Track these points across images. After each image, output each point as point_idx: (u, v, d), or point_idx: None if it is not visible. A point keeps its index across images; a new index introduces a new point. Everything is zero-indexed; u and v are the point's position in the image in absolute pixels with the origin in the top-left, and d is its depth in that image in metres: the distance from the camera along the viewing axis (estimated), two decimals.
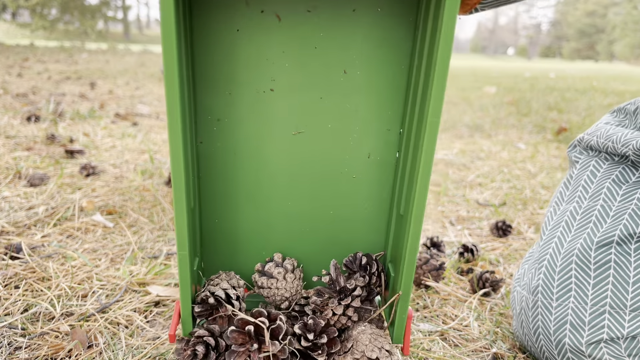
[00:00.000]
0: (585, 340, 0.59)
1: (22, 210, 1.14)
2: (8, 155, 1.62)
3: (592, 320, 0.59)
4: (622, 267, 0.60)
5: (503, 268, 1.02)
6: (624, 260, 0.60)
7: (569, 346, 0.60)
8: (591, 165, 0.70)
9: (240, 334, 0.54)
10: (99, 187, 1.37)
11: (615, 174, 0.66)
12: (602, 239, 0.61)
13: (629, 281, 0.59)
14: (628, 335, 0.57)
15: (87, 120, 2.44)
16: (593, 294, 0.60)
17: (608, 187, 0.66)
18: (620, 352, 0.57)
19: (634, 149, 0.63)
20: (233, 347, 0.53)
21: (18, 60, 6.72)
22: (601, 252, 0.61)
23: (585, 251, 0.62)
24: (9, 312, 0.74)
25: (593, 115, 3.85)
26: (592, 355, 0.58)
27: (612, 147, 0.67)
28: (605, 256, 0.61)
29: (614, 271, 0.60)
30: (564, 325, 0.61)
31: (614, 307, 0.59)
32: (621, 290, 0.59)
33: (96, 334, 0.69)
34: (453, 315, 0.82)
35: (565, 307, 0.62)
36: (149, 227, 1.11)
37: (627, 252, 0.60)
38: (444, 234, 1.20)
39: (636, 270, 0.59)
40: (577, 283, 0.62)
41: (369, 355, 0.55)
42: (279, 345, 0.53)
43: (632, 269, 0.59)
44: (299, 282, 0.62)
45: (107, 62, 7.57)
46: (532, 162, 2.11)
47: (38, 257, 0.92)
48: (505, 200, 1.50)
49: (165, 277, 0.87)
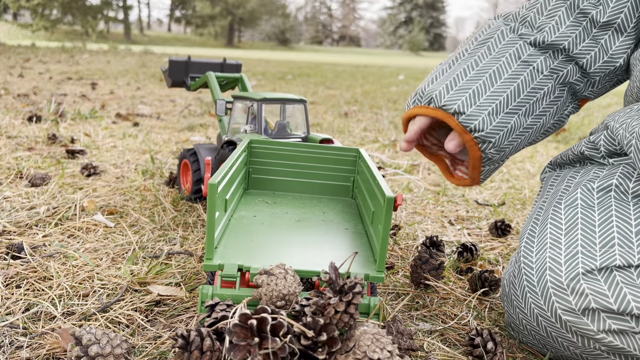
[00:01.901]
0: (565, 277, 0.61)
1: (23, 210, 1.15)
2: (9, 156, 1.62)
3: (567, 260, 0.62)
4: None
5: (502, 267, 1.02)
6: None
7: (551, 284, 0.62)
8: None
9: (242, 329, 0.54)
10: (100, 187, 1.38)
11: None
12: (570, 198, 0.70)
13: (595, 223, 0.65)
14: (601, 267, 0.60)
15: (88, 121, 2.45)
16: (566, 239, 0.65)
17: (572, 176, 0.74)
18: (600, 284, 0.60)
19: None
20: (234, 340, 0.54)
21: (19, 60, 6.74)
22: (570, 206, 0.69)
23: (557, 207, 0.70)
24: (11, 311, 0.74)
25: (592, 115, 3.85)
26: (574, 289, 0.60)
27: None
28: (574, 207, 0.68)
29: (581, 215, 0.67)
30: (544, 272, 0.63)
31: (585, 247, 0.63)
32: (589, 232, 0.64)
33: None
34: (452, 314, 0.82)
35: (544, 257, 0.65)
36: (150, 227, 1.11)
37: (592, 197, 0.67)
38: (443, 233, 1.21)
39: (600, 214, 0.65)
40: (552, 233, 0.67)
41: (370, 355, 0.55)
42: (279, 342, 0.53)
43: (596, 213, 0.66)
44: (297, 285, 0.63)
45: (108, 63, 7.58)
46: (531, 162, 2.11)
47: (39, 257, 0.92)
48: (505, 200, 1.51)
49: (166, 277, 0.88)
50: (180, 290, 0.83)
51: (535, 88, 0.76)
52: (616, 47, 0.76)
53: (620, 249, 0.61)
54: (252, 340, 0.53)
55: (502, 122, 0.75)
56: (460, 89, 0.75)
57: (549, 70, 0.76)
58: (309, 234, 0.79)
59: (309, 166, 1.00)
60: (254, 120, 1.14)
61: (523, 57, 0.76)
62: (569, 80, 0.78)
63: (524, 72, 0.75)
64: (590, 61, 0.76)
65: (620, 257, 0.60)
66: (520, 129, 0.77)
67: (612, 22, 0.75)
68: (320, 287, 0.65)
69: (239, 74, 1.45)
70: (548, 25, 0.76)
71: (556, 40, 0.76)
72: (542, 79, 0.76)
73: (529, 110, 0.76)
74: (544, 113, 0.78)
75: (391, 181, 1.67)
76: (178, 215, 1.20)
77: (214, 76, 1.39)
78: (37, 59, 7.29)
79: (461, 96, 0.74)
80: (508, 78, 0.75)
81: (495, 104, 0.74)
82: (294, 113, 1.19)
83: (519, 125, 0.77)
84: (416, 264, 0.90)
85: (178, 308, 0.78)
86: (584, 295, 0.59)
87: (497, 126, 0.75)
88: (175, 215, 1.19)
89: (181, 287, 0.84)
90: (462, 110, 0.74)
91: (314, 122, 2.85)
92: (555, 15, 0.76)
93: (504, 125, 0.75)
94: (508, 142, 0.77)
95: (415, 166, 1.90)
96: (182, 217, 1.18)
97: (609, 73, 0.78)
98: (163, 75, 1.48)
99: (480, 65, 0.77)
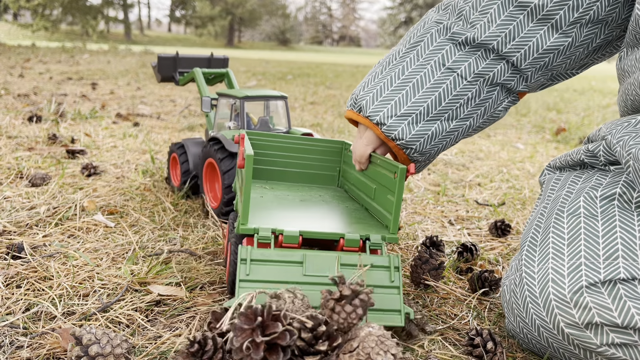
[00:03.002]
0: (568, 290, 0.60)
1: (23, 210, 1.15)
2: (10, 156, 1.62)
3: (570, 272, 0.62)
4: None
5: (502, 267, 1.02)
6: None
7: (553, 297, 0.61)
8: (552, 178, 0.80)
9: (247, 318, 0.55)
10: (100, 187, 1.38)
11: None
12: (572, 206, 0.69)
13: (598, 234, 0.63)
14: (605, 280, 0.59)
15: (88, 121, 2.45)
16: (569, 250, 0.64)
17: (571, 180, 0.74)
18: (604, 297, 0.59)
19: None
20: (237, 322, 0.54)
21: (20, 60, 6.74)
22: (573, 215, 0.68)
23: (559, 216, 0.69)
24: (11, 311, 0.74)
25: (592, 115, 3.86)
26: (577, 302, 0.60)
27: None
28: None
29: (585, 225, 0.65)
30: (546, 284, 0.63)
31: (588, 259, 0.62)
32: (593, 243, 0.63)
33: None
34: (452, 314, 0.82)
35: (546, 268, 0.64)
36: (150, 227, 1.11)
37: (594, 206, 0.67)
38: (443, 233, 1.21)
39: (604, 225, 0.64)
40: (555, 243, 0.66)
41: (373, 357, 0.55)
42: (281, 327, 0.54)
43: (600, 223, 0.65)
44: (305, 308, 0.63)
45: (109, 63, 7.59)
46: (531, 162, 2.11)
47: (39, 257, 0.92)
48: (504, 200, 1.51)
49: (166, 277, 0.88)
50: (181, 290, 0.83)
51: (458, 94, 0.78)
52: (550, 44, 0.75)
53: (625, 262, 0.60)
54: (254, 325, 0.54)
55: (422, 129, 0.79)
56: (384, 100, 0.80)
57: (474, 75, 0.77)
58: (316, 210, 0.88)
59: (298, 157, 1.07)
60: (237, 117, 1.21)
61: (448, 64, 0.78)
62: (498, 81, 0.78)
63: (447, 79, 0.78)
64: (521, 58, 0.76)
65: (624, 270, 0.59)
66: (443, 133, 0.81)
67: (551, 17, 0.73)
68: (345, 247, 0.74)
69: (225, 69, 1.50)
70: (480, 22, 0.76)
71: (485, 39, 0.76)
72: (466, 85, 0.78)
73: (452, 115, 0.80)
74: (470, 115, 0.81)
75: None
76: (178, 215, 1.20)
77: (201, 72, 1.43)
78: (38, 59, 7.29)
79: (384, 107, 0.79)
80: (430, 87, 0.78)
81: (415, 114, 0.79)
82: (275, 109, 1.27)
83: (442, 130, 0.81)
84: (416, 264, 0.90)
85: (178, 308, 0.78)
86: (587, 309, 0.59)
87: (416, 134, 0.79)
88: (176, 215, 1.19)
89: (181, 287, 0.85)
90: (383, 121, 0.79)
91: (314, 122, 2.85)
92: (488, 11, 0.76)
93: (424, 133, 0.80)
94: (431, 146, 0.82)
95: None
96: (182, 217, 1.18)
97: (541, 68, 0.78)
98: (153, 71, 1.52)
99: (406, 73, 0.80)
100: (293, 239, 0.72)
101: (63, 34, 20.09)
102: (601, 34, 0.76)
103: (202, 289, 0.85)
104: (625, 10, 0.75)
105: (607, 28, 0.76)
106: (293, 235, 0.72)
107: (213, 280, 0.88)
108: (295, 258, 0.70)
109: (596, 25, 0.75)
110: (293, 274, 0.69)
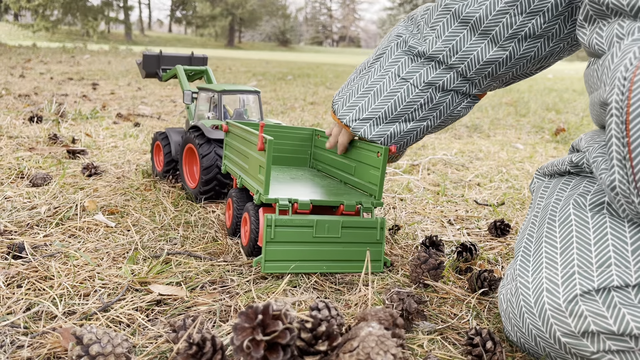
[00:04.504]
0: (563, 299, 0.60)
1: (24, 210, 1.15)
2: (11, 156, 1.63)
3: (564, 281, 0.62)
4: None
5: (501, 267, 1.03)
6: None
7: (549, 306, 0.61)
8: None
9: (247, 317, 0.55)
10: (101, 187, 1.38)
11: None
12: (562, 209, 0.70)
13: (590, 242, 0.64)
14: (599, 288, 0.59)
15: (89, 121, 2.45)
16: (562, 259, 0.64)
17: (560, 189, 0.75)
18: (598, 305, 0.59)
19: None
20: (238, 321, 0.54)
21: (20, 61, 6.74)
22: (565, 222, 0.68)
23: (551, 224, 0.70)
24: (12, 310, 0.75)
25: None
26: (573, 311, 0.60)
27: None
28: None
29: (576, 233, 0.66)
30: (541, 294, 0.63)
31: (581, 267, 0.62)
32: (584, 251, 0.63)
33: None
34: (452, 314, 0.82)
35: (540, 277, 0.64)
36: (151, 227, 1.11)
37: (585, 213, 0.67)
38: (442, 233, 1.21)
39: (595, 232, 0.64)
40: (547, 252, 0.67)
41: (373, 357, 0.55)
42: (281, 325, 0.54)
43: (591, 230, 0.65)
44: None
45: (109, 63, 7.59)
46: (531, 162, 2.12)
47: (40, 257, 0.93)
48: (504, 200, 1.51)
49: (166, 276, 0.88)
50: (181, 289, 0.84)
51: (411, 101, 0.91)
52: (490, 56, 0.83)
53: (617, 269, 0.60)
54: (254, 323, 0.54)
55: (382, 130, 0.94)
56: (351, 105, 0.96)
57: (425, 84, 0.89)
58: (308, 184, 1.06)
59: (275, 142, 1.23)
60: (215, 108, 1.35)
61: (402, 74, 0.90)
62: (449, 88, 0.89)
63: (402, 88, 0.91)
64: (466, 69, 0.86)
65: (617, 277, 0.59)
66: (402, 132, 0.94)
67: (488, 32, 0.81)
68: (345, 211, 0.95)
69: (204, 66, 1.61)
70: (430, 36, 0.87)
71: (434, 52, 0.86)
72: (418, 93, 0.90)
73: (408, 117, 0.93)
74: (426, 117, 0.93)
75: (391, 181, 1.67)
76: (178, 214, 1.20)
77: (183, 69, 1.54)
78: (38, 60, 7.30)
79: (350, 112, 0.96)
80: (387, 95, 0.92)
81: (375, 118, 0.93)
82: (249, 102, 1.40)
83: (400, 130, 0.94)
84: (416, 264, 0.90)
85: (179, 307, 0.79)
86: (582, 317, 0.59)
87: (377, 134, 0.94)
88: (176, 215, 1.20)
89: (182, 286, 0.85)
90: (349, 124, 0.96)
91: (314, 122, 2.85)
92: (437, 26, 0.86)
93: (384, 132, 0.94)
94: (394, 142, 0.96)
95: (415, 166, 1.91)
96: (182, 217, 1.19)
97: (488, 76, 0.87)
98: (138, 68, 1.60)
99: (370, 82, 0.94)
100: (306, 206, 0.91)
101: (64, 34, 20.10)
102: (545, 46, 0.83)
103: (203, 288, 0.86)
104: (568, 25, 0.80)
105: (550, 41, 0.82)
106: (306, 203, 0.91)
107: (213, 279, 0.89)
108: (308, 222, 0.89)
109: (536, 40, 0.81)
110: (306, 235, 0.89)
